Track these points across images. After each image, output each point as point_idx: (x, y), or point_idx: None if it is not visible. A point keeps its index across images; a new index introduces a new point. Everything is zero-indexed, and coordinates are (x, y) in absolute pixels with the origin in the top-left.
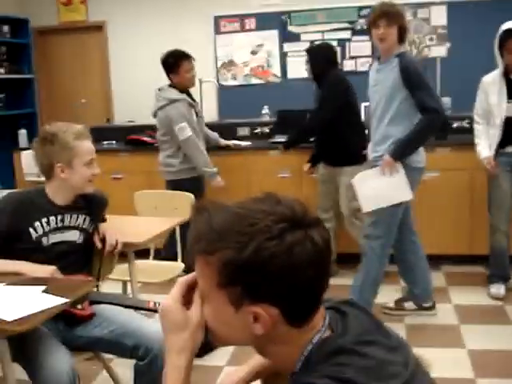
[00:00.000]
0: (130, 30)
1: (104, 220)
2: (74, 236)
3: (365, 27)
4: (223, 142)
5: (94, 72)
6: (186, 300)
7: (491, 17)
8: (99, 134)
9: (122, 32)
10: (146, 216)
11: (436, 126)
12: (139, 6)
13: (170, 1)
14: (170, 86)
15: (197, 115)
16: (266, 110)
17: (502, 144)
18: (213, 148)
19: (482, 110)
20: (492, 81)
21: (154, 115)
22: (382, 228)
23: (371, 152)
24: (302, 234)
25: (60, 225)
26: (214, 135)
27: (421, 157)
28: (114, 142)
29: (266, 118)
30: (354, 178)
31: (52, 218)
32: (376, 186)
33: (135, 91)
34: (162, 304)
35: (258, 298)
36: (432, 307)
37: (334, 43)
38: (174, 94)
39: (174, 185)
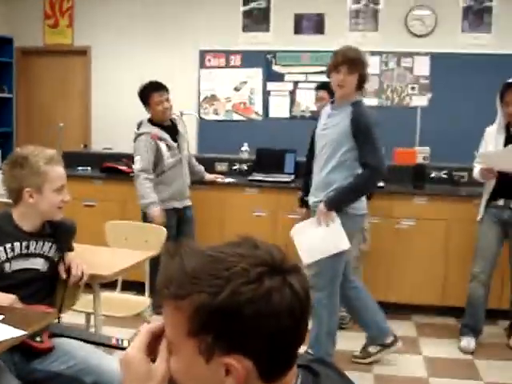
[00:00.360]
0: (114, 57)
1: (71, 249)
2: (38, 264)
3: None
4: (208, 176)
5: (74, 96)
6: (151, 350)
7: (473, 70)
8: (75, 160)
9: (107, 58)
10: (116, 247)
11: (373, 182)
12: (126, 33)
13: (158, 31)
14: (149, 119)
15: (169, 148)
16: (245, 147)
17: (493, 195)
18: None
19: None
20: (492, 131)
21: None
22: (326, 279)
23: (312, 197)
24: (281, 280)
25: (25, 251)
26: (200, 169)
27: (361, 204)
28: (89, 168)
29: (245, 155)
30: (292, 230)
31: (17, 244)
32: (313, 237)
33: (114, 119)
34: (125, 353)
35: (232, 348)
36: (395, 341)
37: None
38: (143, 127)
39: (143, 215)
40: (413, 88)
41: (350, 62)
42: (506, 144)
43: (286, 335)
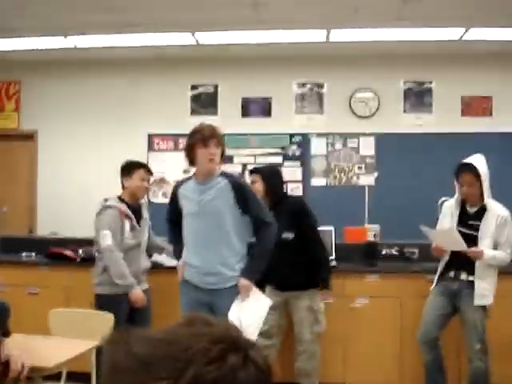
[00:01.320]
0: (61, 140)
1: (7, 334)
2: None
3: (296, 154)
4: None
5: (20, 180)
6: None
7: (416, 148)
8: (19, 245)
9: (54, 142)
10: (61, 336)
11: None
12: (74, 117)
13: (107, 114)
14: (119, 197)
15: (132, 229)
16: None
17: (446, 268)
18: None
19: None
20: (450, 205)
21: None
22: None
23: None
24: (243, 357)
25: None
26: (160, 243)
27: None
28: (33, 254)
29: None
30: (230, 314)
31: None
32: (246, 312)
33: (61, 203)
34: None
35: None
36: None
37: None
38: (111, 201)
39: (95, 299)
40: (359, 167)
41: (218, 136)
42: (460, 219)
43: None
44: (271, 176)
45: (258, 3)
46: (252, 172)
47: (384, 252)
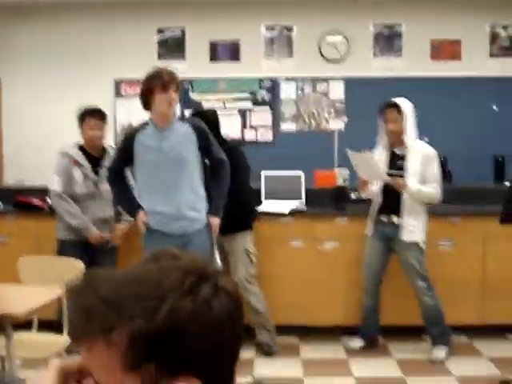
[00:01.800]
0: (26, 87)
1: None
2: None
3: (266, 99)
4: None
5: None
6: None
7: (386, 92)
8: None
9: (18, 89)
10: (31, 284)
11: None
12: (38, 63)
13: (71, 61)
14: (80, 145)
15: (85, 177)
16: None
17: (379, 211)
18: None
19: None
20: (378, 152)
21: None
22: None
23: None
24: (214, 287)
25: None
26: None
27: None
28: (0, 203)
29: None
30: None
31: None
32: None
33: (27, 152)
34: None
35: (178, 371)
36: None
37: (235, 112)
38: (66, 147)
39: (59, 247)
40: (329, 112)
41: (177, 80)
42: (390, 162)
43: (232, 344)
44: (210, 120)
45: None
46: (193, 115)
47: (353, 196)
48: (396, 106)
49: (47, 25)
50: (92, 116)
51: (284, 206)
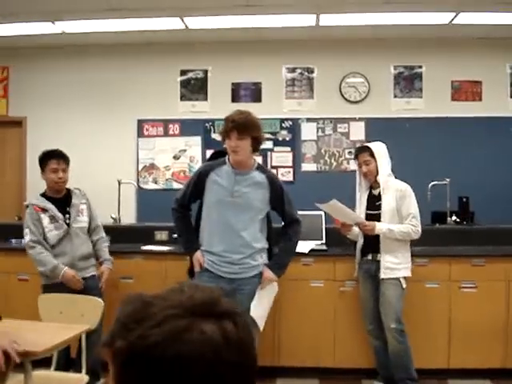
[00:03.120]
0: (50, 127)
1: None
2: None
3: (287, 139)
4: (101, 268)
5: (9, 167)
6: None
7: (406, 132)
8: (8, 231)
9: (43, 129)
10: (50, 321)
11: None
12: (63, 103)
13: (96, 101)
14: (42, 193)
15: (53, 220)
16: None
17: (363, 252)
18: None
19: None
20: (359, 194)
21: None
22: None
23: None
24: (189, 324)
25: None
26: (102, 255)
27: None
28: (23, 240)
29: None
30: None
31: None
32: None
33: None
34: None
35: None
36: None
37: (257, 153)
38: (29, 198)
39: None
40: (350, 152)
41: (240, 126)
42: (368, 202)
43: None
44: None
45: None
46: (213, 154)
47: None
48: (368, 149)
49: (72, 65)
50: (54, 158)
51: (304, 246)
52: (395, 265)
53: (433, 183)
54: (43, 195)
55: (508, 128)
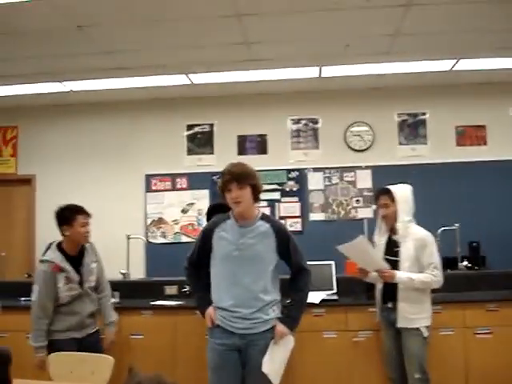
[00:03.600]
0: (59, 184)
1: (8, 382)
2: None
3: (294, 189)
4: (107, 333)
5: (18, 225)
6: None
7: (412, 179)
8: (18, 289)
9: (52, 186)
10: (61, 381)
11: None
12: (71, 161)
13: (103, 157)
14: (58, 244)
15: (68, 281)
16: None
17: (384, 299)
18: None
19: None
20: (378, 238)
21: None
22: None
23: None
24: None
25: None
26: (109, 317)
27: None
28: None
29: None
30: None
31: None
32: (275, 355)
33: None
34: None
35: None
36: None
37: (264, 203)
38: (48, 253)
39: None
40: (357, 201)
41: (238, 176)
42: (387, 247)
43: None
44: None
45: (249, 42)
46: (214, 206)
47: None
48: (388, 192)
49: (80, 123)
50: (82, 212)
51: (315, 297)
52: (412, 314)
53: (442, 229)
54: (59, 249)
55: None
